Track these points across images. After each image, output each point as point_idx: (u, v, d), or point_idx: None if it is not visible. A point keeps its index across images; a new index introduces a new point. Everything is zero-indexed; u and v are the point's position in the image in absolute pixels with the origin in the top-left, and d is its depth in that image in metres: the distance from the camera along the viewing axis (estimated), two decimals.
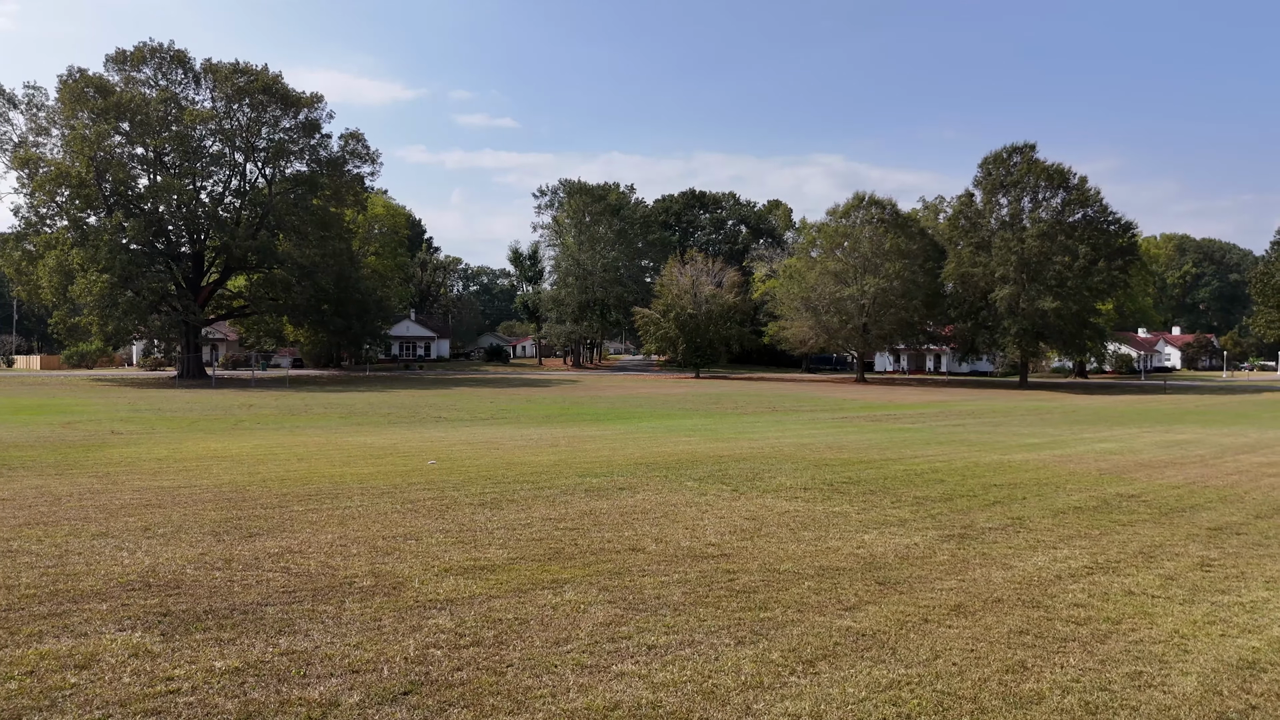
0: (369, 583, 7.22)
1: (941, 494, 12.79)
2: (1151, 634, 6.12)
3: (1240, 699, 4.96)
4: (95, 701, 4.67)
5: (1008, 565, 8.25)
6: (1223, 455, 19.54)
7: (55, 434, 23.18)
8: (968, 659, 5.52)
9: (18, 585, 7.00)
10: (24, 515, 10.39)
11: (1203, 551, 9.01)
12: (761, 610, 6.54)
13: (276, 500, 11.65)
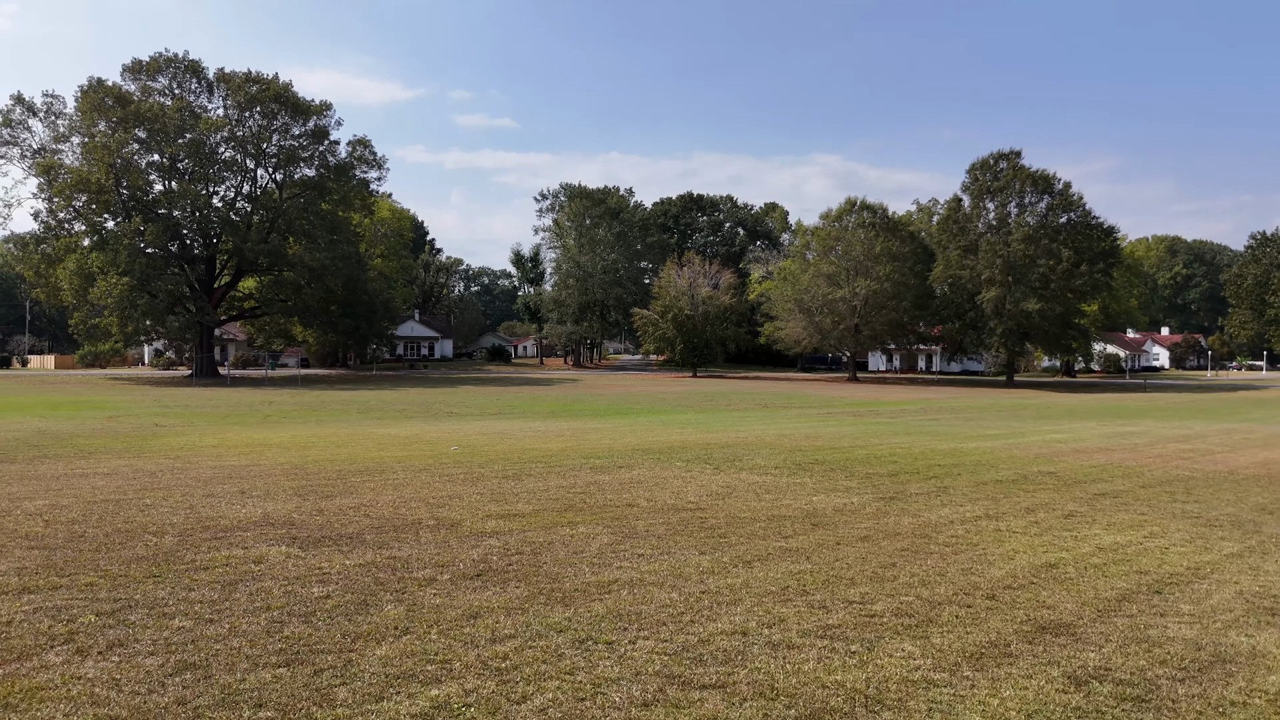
0: (432, 522, 9.76)
1: (889, 471, 15.32)
2: (995, 552, 8.67)
3: (1031, 581, 7.49)
4: (278, 575, 7.21)
5: (916, 515, 10.79)
6: (1155, 444, 22.05)
7: (105, 426, 25.67)
8: (857, 561, 8.06)
9: (175, 524, 9.55)
10: (137, 484, 12.92)
11: (1075, 508, 11.55)
12: (721, 538, 9.08)
13: (335, 474, 14.18)
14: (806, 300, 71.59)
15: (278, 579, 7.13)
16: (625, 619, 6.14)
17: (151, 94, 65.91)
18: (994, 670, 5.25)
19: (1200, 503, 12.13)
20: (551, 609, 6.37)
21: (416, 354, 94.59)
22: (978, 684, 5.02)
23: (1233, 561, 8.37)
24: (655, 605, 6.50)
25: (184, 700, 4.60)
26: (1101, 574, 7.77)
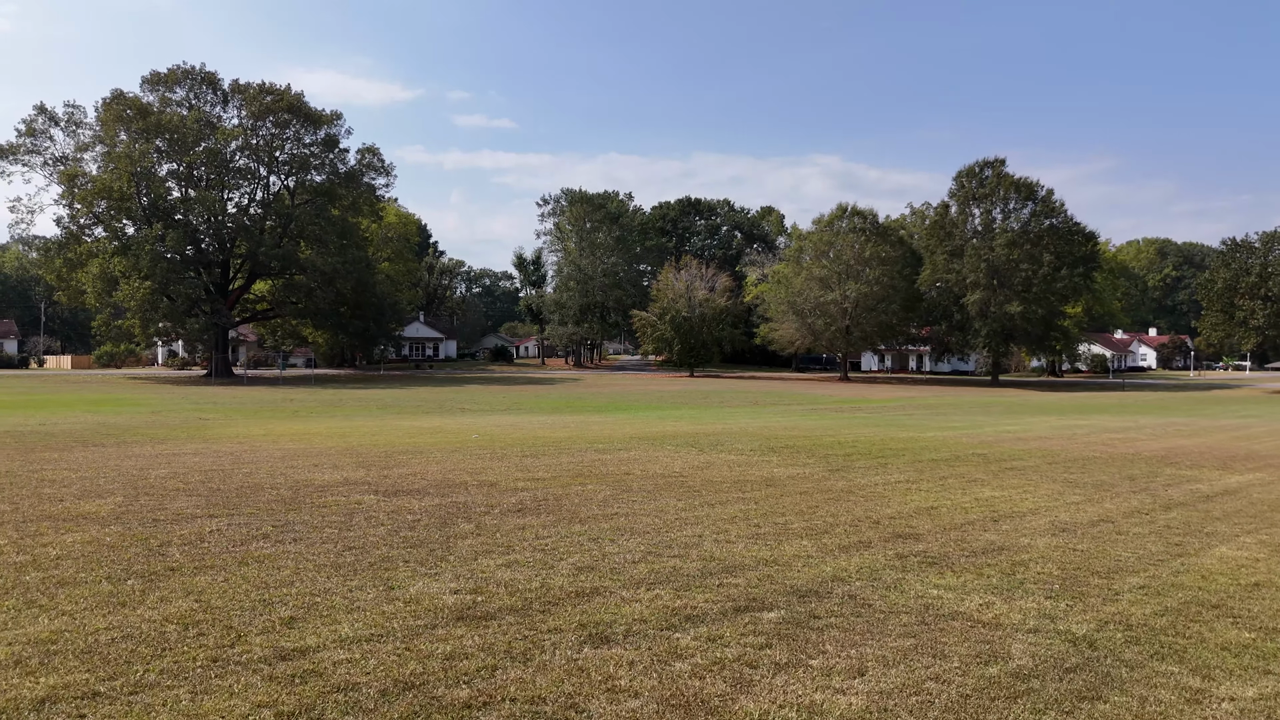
0: (475, 483, 12.85)
1: (844, 453, 18.39)
2: (896, 500, 11.74)
3: (910, 515, 10.55)
4: (378, 510, 10.29)
5: (851, 480, 13.87)
6: (1093, 434, 25.10)
7: (154, 419, 28.69)
8: (791, 505, 11.14)
9: (281, 484, 12.62)
10: (225, 460, 15.96)
11: (980, 477, 14.62)
12: (694, 493, 12.17)
13: (383, 454, 17.26)
14: (799, 302, 74.71)
15: (379, 511, 10.22)
16: (621, 530, 9.24)
17: (170, 104, 69.01)
18: (853, 553, 8.34)
19: (1083, 474, 15.22)
20: (572, 525, 9.46)
21: (422, 355, 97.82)
22: (839, 559, 8.10)
23: (1065, 506, 11.47)
24: (642, 524, 9.59)
25: (358, 560, 7.69)
26: (964, 512, 10.86)
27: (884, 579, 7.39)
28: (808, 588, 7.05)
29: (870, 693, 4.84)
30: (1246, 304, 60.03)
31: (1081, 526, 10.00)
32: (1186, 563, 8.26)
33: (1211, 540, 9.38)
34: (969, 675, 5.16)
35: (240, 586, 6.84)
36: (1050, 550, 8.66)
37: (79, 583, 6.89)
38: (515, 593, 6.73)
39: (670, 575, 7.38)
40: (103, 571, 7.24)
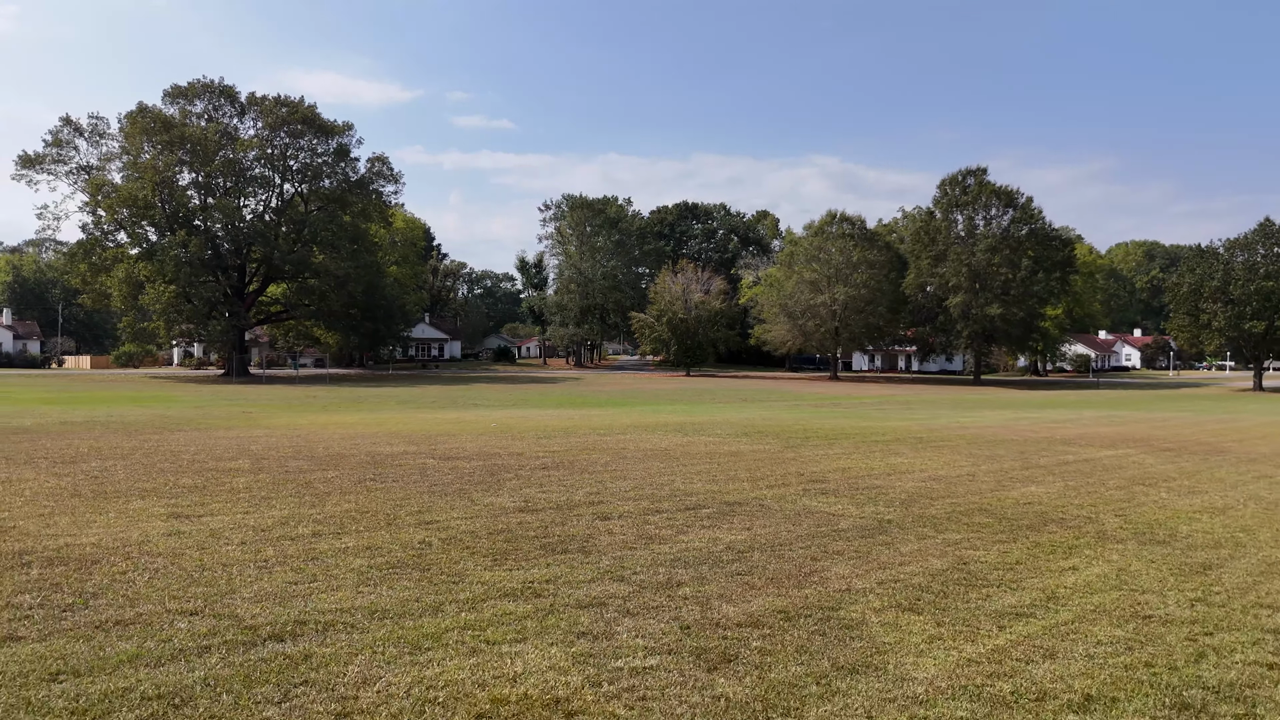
0: (506, 454, 16.83)
1: (804, 436, 22.37)
2: (825, 464, 15.72)
3: (828, 472, 14.55)
4: (440, 469, 14.29)
5: (799, 453, 17.86)
6: (1032, 426, 29.02)
7: (202, 413, 32.60)
8: (744, 468, 15.12)
9: (355, 454, 16.60)
10: (296, 440, 19.94)
11: (903, 450, 18.57)
12: (674, 460, 16.16)
13: (424, 436, 21.24)
14: (791, 305, 78.75)
15: (442, 468, 14.22)
16: (618, 477, 13.24)
17: (190, 116, 73.00)
18: (774, 488, 12.34)
19: (988, 449, 19.21)
20: (583, 475, 13.48)
21: (428, 355, 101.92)
22: (762, 490, 12.10)
23: (947, 466, 15.47)
24: (632, 475, 13.60)
25: (444, 489, 11.68)
26: (870, 470, 14.86)
27: (785, 499, 11.41)
28: (735, 501, 11.07)
29: (750, 535, 8.83)
30: (1210, 307, 64.08)
31: (949, 478, 14.01)
32: (998, 495, 12.27)
33: (1028, 483, 13.41)
34: (810, 529, 9.16)
35: (376, 499, 10.85)
36: (911, 488, 12.68)
37: (277, 497, 10.91)
38: (551, 503, 10.74)
39: (648, 496, 11.38)
40: (285, 493, 11.26)
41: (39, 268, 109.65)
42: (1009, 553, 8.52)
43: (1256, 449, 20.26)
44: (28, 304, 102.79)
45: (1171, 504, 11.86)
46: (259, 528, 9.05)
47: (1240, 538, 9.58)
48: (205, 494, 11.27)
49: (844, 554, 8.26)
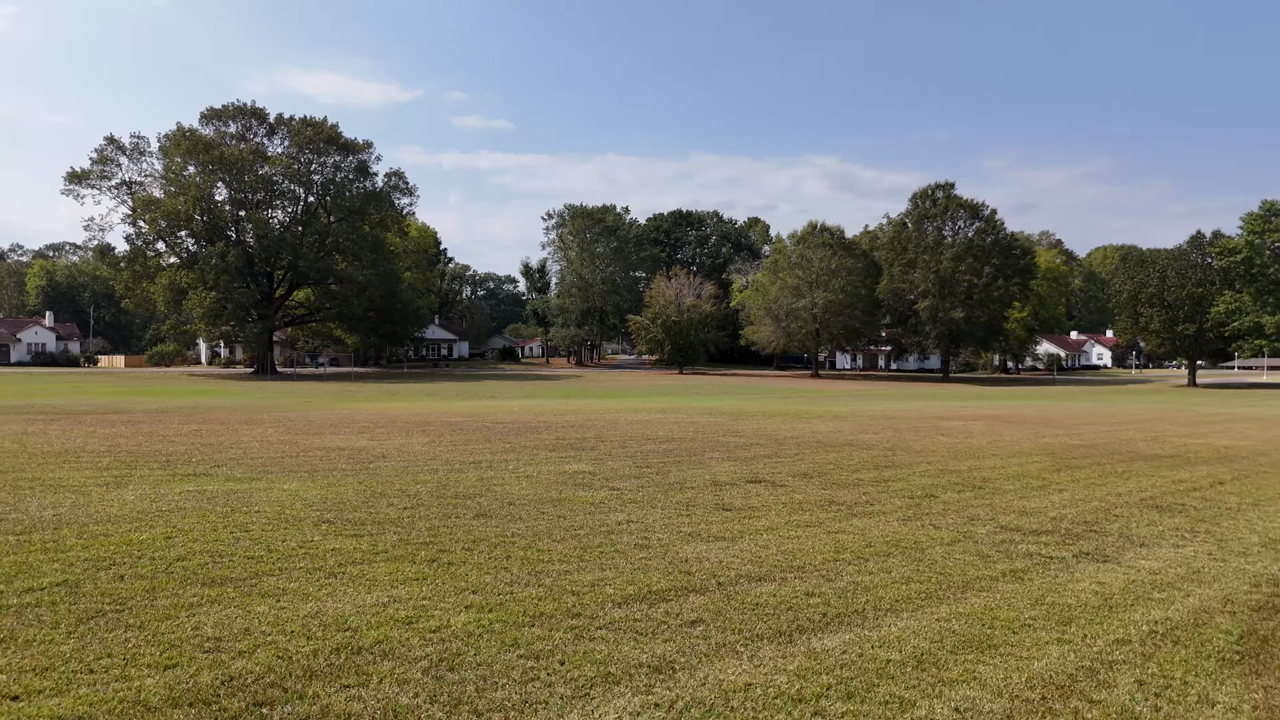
0: (536, 422, 25.01)
1: (750, 415, 30.49)
2: (754, 425, 23.89)
3: (754, 431, 22.71)
4: (503, 431, 22.51)
5: (739, 423, 26.01)
6: (946, 408, 37.20)
7: (261, 403, 40.69)
8: (697, 428, 23.29)
9: (454, 422, 24.80)
10: (389, 415, 28.10)
11: (821, 426, 26.73)
12: (650, 426, 24.31)
13: (471, 414, 29.40)
14: (775, 308, 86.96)
15: (499, 427, 22.40)
16: (611, 430, 21.40)
17: (225, 136, 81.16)
18: (706, 434, 20.53)
19: (881, 422, 27.34)
20: (589, 430, 21.65)
21: (438, 354, 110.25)
22: (698, 436, 20.26)
23: (834, 429, 23.62)
24: (621, 429, 21.75)
25: (508, 438, 19.88)
26: (778, 429, 23.00)
27: (710, 438, 19.60)
28: (679, 438, 19.25)
29: (679, 446, 17.00)
30: (1147, 311, 72.23)
31: (831, 433, 22.14)
32: (843, 439, 20.40)
33: (866, 434, 21.56)
34: (712, 448, 17.30)
35: (473, 435, 18.99)
36: (790, 436, 20.80)
37: (419, 432, 19.08)
38: (570, 438, 18.90)
39: (629, 438, 19.54)
40: (418, 433, 19.43)
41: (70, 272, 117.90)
42: (803, 458, 16.68)
43: (1067, 422, 28.49)
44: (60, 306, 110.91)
45: (941, 441, 20.00)
46: (435, 445, 17.25)
47: (960, 454, 17.72)
48: (389, 432, 19.44)
49: (723, 459, 16.37)
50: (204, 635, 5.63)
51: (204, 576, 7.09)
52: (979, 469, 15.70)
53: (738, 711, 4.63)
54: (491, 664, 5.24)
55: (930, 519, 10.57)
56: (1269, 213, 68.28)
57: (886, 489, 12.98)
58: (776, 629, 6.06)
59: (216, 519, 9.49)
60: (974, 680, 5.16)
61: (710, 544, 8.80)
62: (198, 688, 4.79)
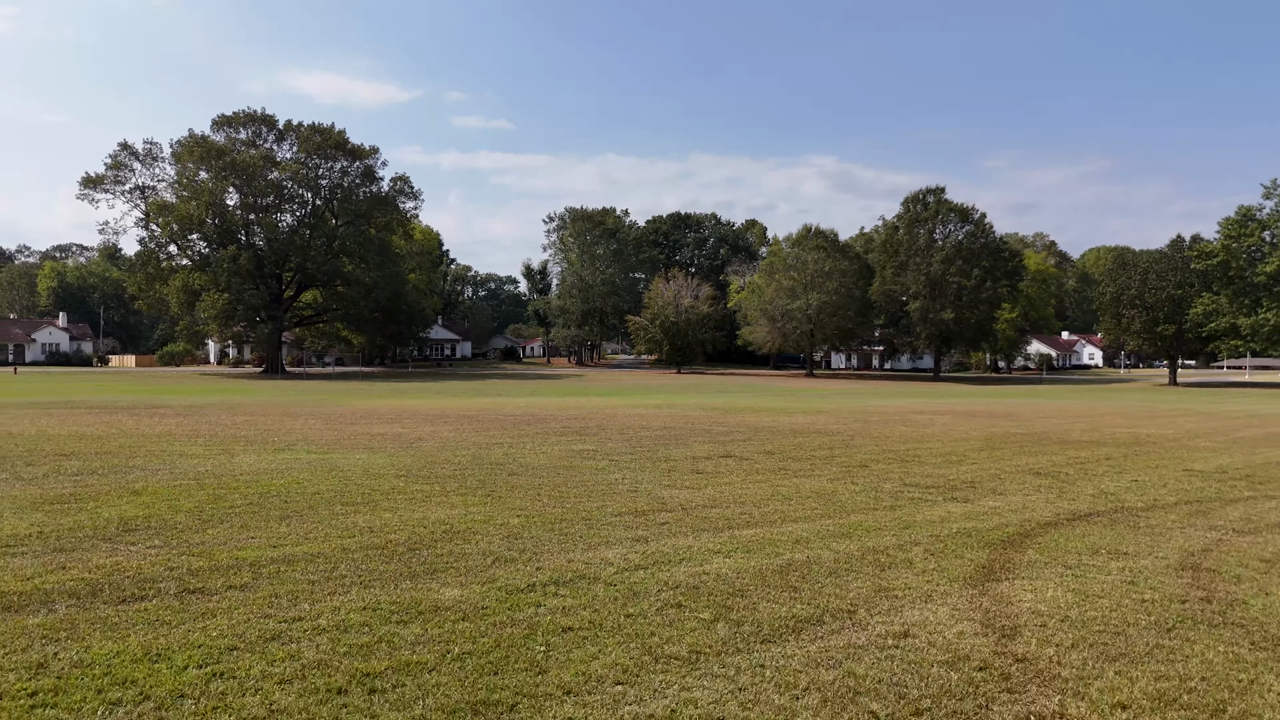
0: (542, 413, 28.61)
1: (739, 410, 34.10)
2: (739, 415, 27.49)
3: (726, 422, 26.30)
4: (521, 421, 26.13)
5: (726, 417, 29.61)
6: (915, 404, 40.78)
7: (287, 400, 44.23)
8: (689, 419, 26.89)
9: (459, 413, 28.41)
10: (425, 406, 31.71)
11: (783, 415, 30.34)
12: (646, 418, 27.93)
13: (483, 409, 32.99)
14: (771, 309, 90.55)
15: (514, 418, 25.99)
16: (612, 420, 24.99)
17: (236, 143, 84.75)
18: (695, 424, 24.14)
19: (849, 414, 30.92)
20: (591, 420, 25.25)
21: (441, 354, 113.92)
22: (687, 426, 23.86)
23: (811, 420, 27.22)
24: (620, 420, 25.34)
25: (522, 425, 23.47)
26: (760, 420, 26.61)
27: (700, 426, 23.19)
28: (670, 427, 22.82)
29: (669, 432, 20.58)
30: (1128, 312, 75.80)
31: (805, 424, 25.71)
32: (808, 427, 23.96)
33: (837, 424, 25.12)
34: (700, 433, 20.87)
35: (495, 424, 22.57)
36: (777, 428, 24.37)
37: (444, 423, 22.68)
38: (576, 425, 22.47)
39: (631, 428, 23.11)
40: (446, 424, 23.01)
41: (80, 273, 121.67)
42: (772, 442, 20.24)
43: (1028, 416, 32.09)
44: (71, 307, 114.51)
45: (900, 430, 23.55)
46: (460, 432, 20.83)
47: (909, 440, 21.27)
48: (415, 423, 23.02)
49: (704, 441, 19.93)
50: (360, 526, 9.22)
51: (339, 501, 10.68)
52: (916, 450, 19.25)
53: (683, 556, 8.20)
54: (539, 537, 8.83)
55: (853, 479, 14.14)
56: (1245, 218, 71.79)
57: (831, 462, 16.54)
58: (715, 527, 9.64)
59: (322, 474, 13.07)
60: (827, 549, 8.73)
61: (682, 490, 12.37)
62: (371, 544, 8.36)
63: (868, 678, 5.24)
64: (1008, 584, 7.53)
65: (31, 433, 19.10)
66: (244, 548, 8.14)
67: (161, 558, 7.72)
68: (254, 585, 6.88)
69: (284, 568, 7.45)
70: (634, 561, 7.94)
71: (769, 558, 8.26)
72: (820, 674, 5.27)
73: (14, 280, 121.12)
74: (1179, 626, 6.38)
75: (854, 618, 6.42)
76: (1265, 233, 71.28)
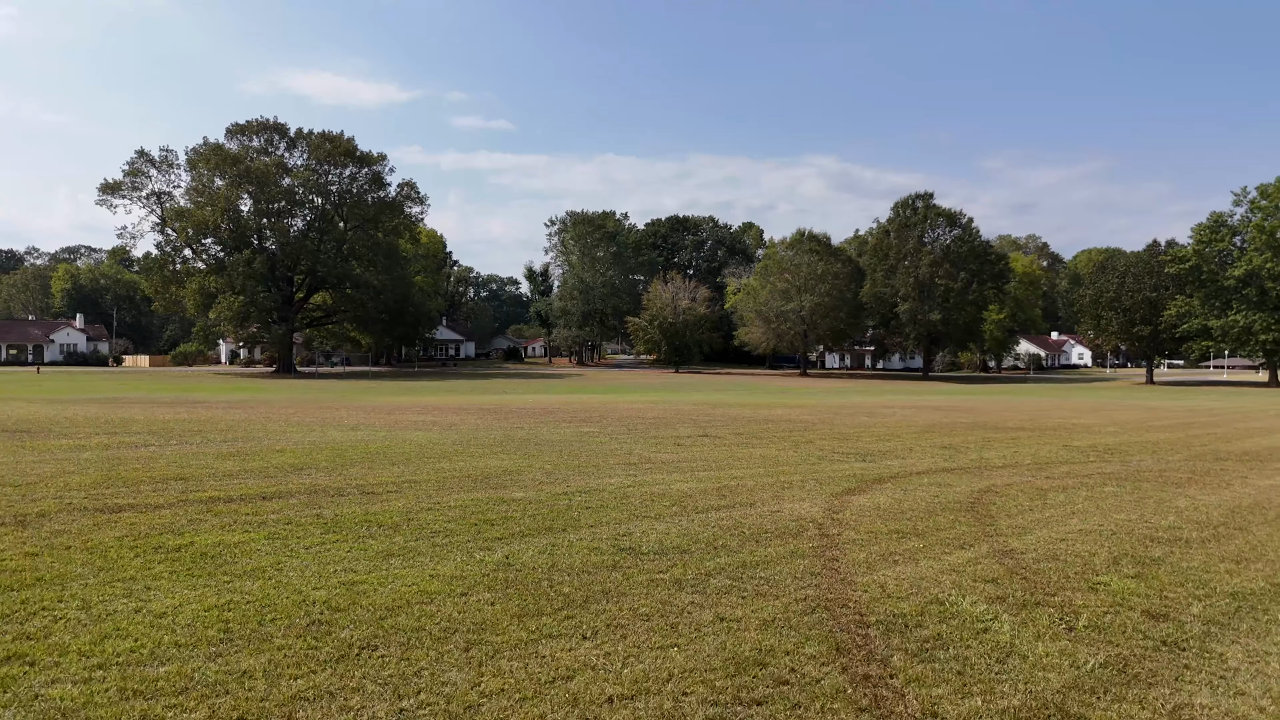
0: (549, 407, 33.47)
1: (727, 404, 38.94)
2: (725, 409, 32.34)
3: (711, 415, 31.17)
4: (539, 415, 31.00)
5: (713, 409, 34.46)
6: (887, 401, 45.63)
7: (308, 398, 49.07)
8: (679, 411, 31.76)
9: (472, 410, 33.27)
10: (435, 406, 36.55)
11: (764, 408, 35.20)
12: (642, 410, 32.80)
13: (497, 404, 37.84)
14: (765, 311, 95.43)
15: (529, 411, 30.86)
16: (613, 411, 29.85)
17: (249, 151, 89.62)
18: (683, 414, 28.99)
19: (822, 409, 35.75)
20: (594, 413, 30.10)
21: (446, 354, 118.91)
22: (676, 414, 28.71)
23: (790, 411, 32.04)
24: (619, 412, 30.19)
25: (535, 416, 28.34)
26: (741, 413, 31.41)
27: (687, 415, 28.04)
28: (664, 417, 27.67)
29: (663, 416, 25.44)
30: (1107, 314, 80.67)
31: (782, 416, 30.53)
32: (778, 418, 28.77)
33: (808, 418, 29.95)
34: (687, 419, 25.72)
35: (513, 416, 27.41)
36: (755, 418, 29.20)
37: (464, 417, 27.55)
38: (580, 414, 27.32)
39: (628, 418, 27.93)
40: (470, 416, 27.87)
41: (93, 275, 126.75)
42: (746, 427, 25.05)
43: (986, 410, 36.93)
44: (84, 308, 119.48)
45: (861, 420, 28.34)
46: (483, 420, 25.67)
47: (861, 426, 26.08)
48: (442, 414, 27.86)
49: (688, 426, 24.73)
50: (447, 468, 14.08)
51: (424, 457, 15.53)
52: (860, 433, 24.06)
53: (658, 482, 13.04)
54: (564, 473, 13.70)
55: (794, 449, 18.97)
56: (1216, 224, 76.63)
57: (787, 439, 21.36)
58: (681, 471, 14.49)
59: (398, 443, 17.91)
60: (752, 481, 13.55)
61: (663, 454, 17.20)
62: (460, 475, 13.19)
63: (747, 523, 10.11)
64: (857, 496, 12.40)
65: (142, 418, 23.94)
66: (380, 478, 13.01)
67: (333, 481, 12.59)
68: (401, 493, 11.73)
69: (412, 485, 12.32)
70: (626, 484, 12.81)
71: (712, 484, 13.13)
72: (724, 522, 10.12)
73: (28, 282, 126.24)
74: (943, 513, 11.21)
75: (752, 507, 11.29)
76: (1236, 238, 76.13)
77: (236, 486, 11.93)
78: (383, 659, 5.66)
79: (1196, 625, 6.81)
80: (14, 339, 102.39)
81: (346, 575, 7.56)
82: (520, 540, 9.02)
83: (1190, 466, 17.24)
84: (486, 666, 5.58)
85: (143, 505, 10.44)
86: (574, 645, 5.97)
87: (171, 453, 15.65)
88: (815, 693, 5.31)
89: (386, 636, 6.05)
